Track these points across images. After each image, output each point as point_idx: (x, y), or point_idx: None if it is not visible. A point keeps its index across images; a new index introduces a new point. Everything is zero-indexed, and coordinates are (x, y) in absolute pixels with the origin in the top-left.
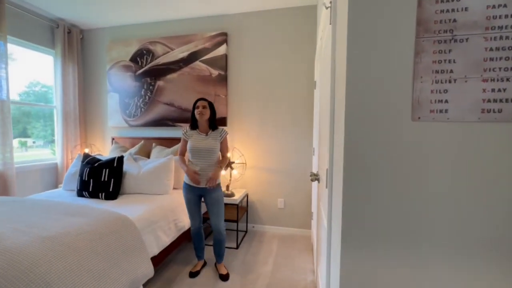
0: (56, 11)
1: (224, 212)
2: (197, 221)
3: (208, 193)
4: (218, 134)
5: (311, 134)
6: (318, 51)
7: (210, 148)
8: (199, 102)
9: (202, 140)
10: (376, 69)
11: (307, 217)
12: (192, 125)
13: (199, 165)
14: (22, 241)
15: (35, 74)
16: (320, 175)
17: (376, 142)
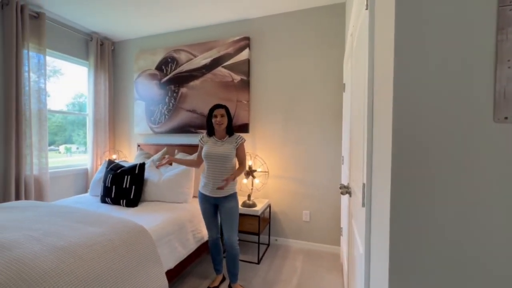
0: (90, 25)
1: (237, 224)
2: (214, 231)
3: (222, 203)
4: (234, 141)
5: (339, 141)
6: (348, 50)
7: (224, 154)
8: (217, 110)
9: (217, 146)
10: (436, 54)
11: (336, 233)
12: (209, 132)
13: (212, 172)
14: (35, 250)
15: (80, 86)
16: (352, 189)
17: (440, 154)
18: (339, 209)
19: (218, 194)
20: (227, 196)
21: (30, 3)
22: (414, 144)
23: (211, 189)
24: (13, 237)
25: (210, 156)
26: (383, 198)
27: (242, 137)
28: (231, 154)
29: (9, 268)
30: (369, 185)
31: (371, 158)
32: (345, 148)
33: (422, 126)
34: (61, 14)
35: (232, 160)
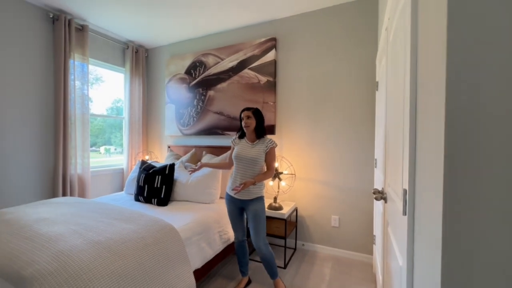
0: (127, 34)
1: (264, 228)
2: (240, 233)
3: (248, 206)
4: (264, 144)
5: (371, 142)
6: (382, 46)
7: (253, 157)
8: (243, 113)
9: (247, 148)
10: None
11: (368, 240)
12: (240, 134)
13: (240, 174)
14: (76, 244)
15: (118, 91)
16: (388, 194)
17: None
18: (371, 215)
19: (244, 196)
20: (253, 200)
21: (75, 16)
22: (471, 145)
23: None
24: (59, 230)
25: (240, 158)
26: (432, 206)
27: (274, 141)
28: (261, 157)
29: (56, 259)
30: (412, 191)
31: (414, 161)
32: (378, 151)
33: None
34: (101, 25)
35: (261, 163)
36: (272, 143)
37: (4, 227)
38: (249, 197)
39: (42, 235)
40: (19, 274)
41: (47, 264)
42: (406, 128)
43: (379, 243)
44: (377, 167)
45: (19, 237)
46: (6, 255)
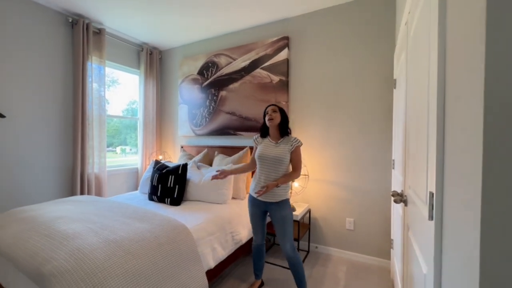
0: (141, 37)
1: (291, 232)
2: (259, 237)
3: (273, 210)
4: (289, 143)
5: (389, 142)
6: (401, 41)
7: (277, 157)
8: (269, 107)
9: (270, 147)
10: None
11: (385, 245)
12: (263, 133)
13: (264, 175)
14: (93, 242)
15: (133, 93)
16: (409, 197)
17: None
18: (389, 219)
19: (268, 199)
20: (278, 203)
21: (93, 20)
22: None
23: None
24: (76, 228)
25: (263, 157)
26: (466, 211)
27: (299, 139)
28: (286, 156)
29: (73, 257)
30: (440, 194)
31: (442, 162)
32: (396, 151)
33: None
34: (117, 28)
35: (286, 163)
36: (297, 142)
37: (26, 224)
38: (274, 199)
39: (60, 233)
40: (38, 270)
41: (64, 261)
42: (433, 128)
43: (397, 248)
44: (395, 168)
45: (39, 234)
46: (27, 251)
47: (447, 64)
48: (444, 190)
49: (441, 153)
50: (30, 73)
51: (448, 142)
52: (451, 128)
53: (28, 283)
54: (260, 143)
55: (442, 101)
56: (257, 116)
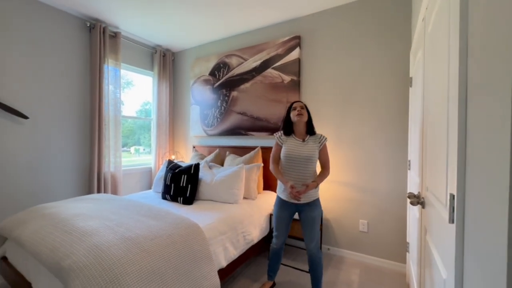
0: (155, 39)
1: (319, 233)
2: (281, 240)
3: (304, 210)
4: (316, 140)
5: (404, 143)
6: (418, 38)
7: (307, 156)
8: (296, 103)
9: (298, 146)
10: None
11: (400, 248)
12: (286, 131)
13: (293, 175)
14: (109, 239)
15: (146, 94)
16: (426, 199)
17: None
18: (404, 221)
19: (301, 200)
20: (310, 203)
21: (109, 24)
22: None
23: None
24: (94, 225)
25: (292, 157)
26: (491, 213)
27: (325, 136)
28: (315, 155)
29: (91, 252)
30: (461, 196)
31: (464, 162)
32: (413, 151)
33: None
34: (132, 31)
35: (315, 162)
36: (325, 139)
37: (47, 220)
38: (307, 199)
39: (79, 229)
40: (59, 264)
41: (83, 256)
42: (453, 127)
43: (414, 252)
44: (411, 169)
45: (60, 230)
46: (49, 246)
47: (469, 60)
48: (466, 191)
49: (462, 153)
50: (50, 76)
51: (471, 141)
52: (474, 126)
53: (49, 275)
54: (285, 142)
55: (464, 99)
56: (268, 116)
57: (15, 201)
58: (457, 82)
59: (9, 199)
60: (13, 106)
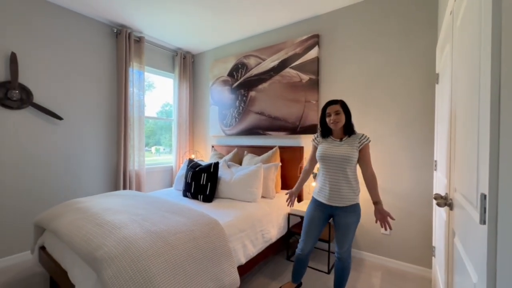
0: (176, 42)
1: (353, 238)
2: (309, 244)
3: (340, 215)
4: (356, 140)
5: (430, 142)
6: (445, 33)
7: (343, 156)
8: (330, 107)
9: (334, 146)
10: None
11: (425, 252)
12: (323, 133)
13: (329, 177)
14: (136, 232)
15: (167, 95)
16: (455, 200)
17: None
18: (429, 224)
19: (336, 203)
20: (348, 207)
21: (134, 30)
22: None
23: (328, 196)
24: (122, 219)
25: (327, 158)
26: None
27: (367, 136)
28: (353, 156)
29: (120, 244)
30: (494, 196)
31: (497, 160)
32: (440, 151)
33: None
34: (155, 36)
35: (354, 163)
36: (367, 139)
37: (80, 214)
38: (343, 203)
39: (109, 222)
40: (92, 254)
41: (113, 248)
42: (485, 124)
43: (441, 256)
44: (437, 170)
45: (92, 223)
46: (83, 237)
47: (502, 55)
48: (499, 191)
49: (495, 151)
50: (81, 80)
51: (504, 139)
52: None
53: (82, 264)
54: (321, 143)
55: (497, 96)
56: (286, 115)
57: (52, 194)
58: (489, 78)
59: (47, 192)
60: (49, 108)
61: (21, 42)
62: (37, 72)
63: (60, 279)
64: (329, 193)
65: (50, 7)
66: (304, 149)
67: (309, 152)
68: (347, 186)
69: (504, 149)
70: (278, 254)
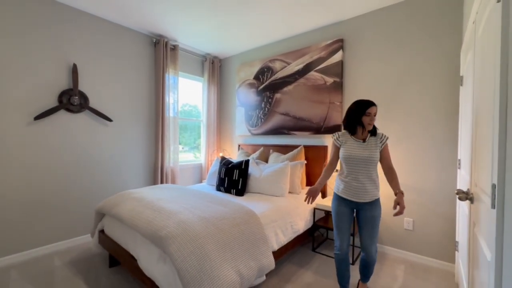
0: (205, 48)
1: (378, 232)
2: (345, 242)
3: (365, 210)
4: (378, 140)
5: (454, 141)
6: (469, 39)
7: (369, 157)
8: (372, 108)
9: (359, 147)
10: None
11: (448, 247)
12: (351, 130)
13: (353, 176)
14: (189, 217)
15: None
16: (476, 194)
17: None
18: (452, 220)
19: (362, 199)
20: (371, 202)
21: (170, 39)
22: None
23: (353, 193)
24: (175, 207)
25: (352, 158)
26: None
27: (386, 135)
28: (376, 157)
29: (179, 226)
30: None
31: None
32: (463, 150)
33: None
34: (187, 43)
35: (376, 163)
36: (386, 139)
37: (137, 202)
38: (368, 199)
39: (165, 209)
40: (156, 234)
41: (174, 228)
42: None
43: (463, 249)
44: (461, 168)
45: (150, 209)
46: (144, 220)
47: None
48: (506, 181)
49: (503, 148)
50: (126, 85)
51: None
52: None
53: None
54: (344, 143)
55: (505, 104)
56: (310, 116)
57: (102, 187)
58: (498, 89)
59: (98, 185)
60: (102, 111)
61: (80, 54)
62: (92, 80)
63: (120, 256)
64: (355, 190)
65: (104, 23)
66: (328, 149)
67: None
68: (371, 183)
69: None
70: (304, 245)
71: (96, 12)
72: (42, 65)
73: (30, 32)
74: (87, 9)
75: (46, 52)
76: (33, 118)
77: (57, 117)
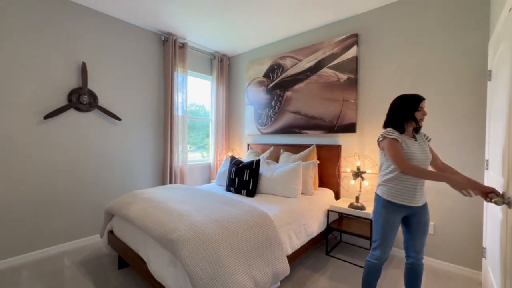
0: (214, 46)
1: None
2: (387, 252)
3: (417, 214)
4: (425, 138)
5: (479, 141)
6: (502, 30)
7: (428, 157)
8: (423, 102)
9: (419, 147)
10: None
11: (473, 253)
12: (400, 128)
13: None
14: (201, 219)
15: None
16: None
17: None
18: (477, 224)
19: (417, 203)
20: (424, 206)
21: (179, 37)
22: None
23: (413, 197)
24: (185, 208)
25: (417, 160)
26: None
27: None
28: (430, 156)
29: (190, 228)
30: None
31: None
32: (493, 150)
33: None
34: (196, 41)
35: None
36: (428, 137)
37: (148, 202)
38: (421, 202)
39: (176, 210)
40: (167, 237)
41: (186, 232)
42: None
43: (492, 258)
44: (489, 169)
45: (160, 211)
46: (155, 222)
47: None
48: None
49: None
50: (134, 84)
51: None
52: None
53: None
54: (404, 142)
55: None
56: (323, 114)
57: (112, 186)
58: None
59: (107, 185)
60: (111, 110)
61: (89, 52)
62: (100, 78)
63: (129, 257)
64: (416, 194)
65: (112, 21)
66: (342, 148)
67: (348, 150)
68: (423, 185)
69: None
70: (317, 249)
71: (105, 10)
72: (52, 63)
73: (40, 30)
74: (96, 7)
75: (56, 50)
76: (42, 117)
77: (66, 116)
